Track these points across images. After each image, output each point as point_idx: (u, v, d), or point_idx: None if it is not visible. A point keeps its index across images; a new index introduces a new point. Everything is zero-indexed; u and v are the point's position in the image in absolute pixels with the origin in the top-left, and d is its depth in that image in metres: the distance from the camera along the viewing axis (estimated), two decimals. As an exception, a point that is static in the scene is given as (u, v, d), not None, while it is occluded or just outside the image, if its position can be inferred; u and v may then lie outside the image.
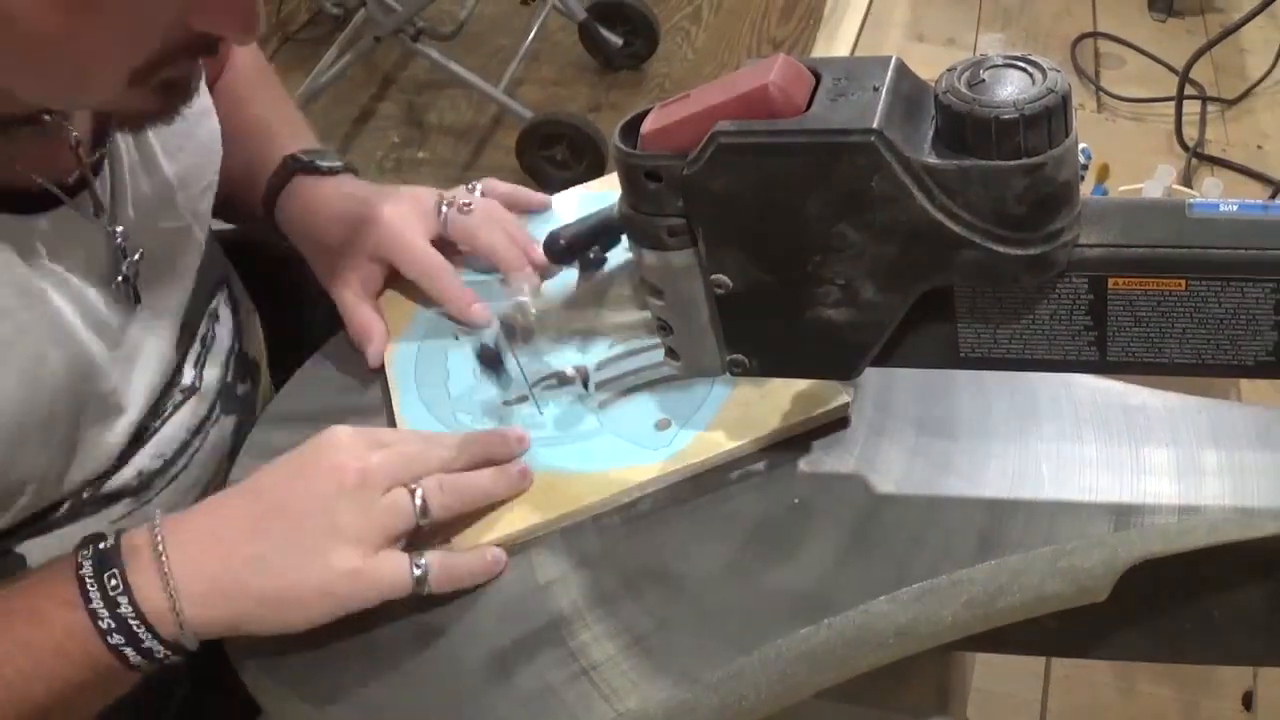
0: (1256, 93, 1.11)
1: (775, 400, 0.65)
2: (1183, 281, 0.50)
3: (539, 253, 0.74)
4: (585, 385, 0.68)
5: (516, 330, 0.64)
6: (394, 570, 0.59)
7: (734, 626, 0.57)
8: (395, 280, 0.79)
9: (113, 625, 0.56)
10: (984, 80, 0.47)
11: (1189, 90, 1.06)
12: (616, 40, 2.35)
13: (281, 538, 0.59)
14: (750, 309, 0.56)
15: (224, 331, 0.81)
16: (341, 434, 0.62)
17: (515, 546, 0.62)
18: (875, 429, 0.65)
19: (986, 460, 0.62)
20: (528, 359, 0.71)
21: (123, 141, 0.70)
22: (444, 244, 0.78)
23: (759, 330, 0.57)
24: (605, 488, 0.63)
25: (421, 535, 0.61)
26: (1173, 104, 1.05)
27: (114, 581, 0.57)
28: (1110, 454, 0.61)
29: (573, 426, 0.67)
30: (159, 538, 0.58)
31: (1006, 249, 0.49)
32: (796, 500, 0.62)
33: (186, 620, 0.57)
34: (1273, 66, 1.11)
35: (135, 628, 0.56)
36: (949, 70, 0.49)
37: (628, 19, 2.37)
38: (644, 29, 2.39)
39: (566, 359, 0.70)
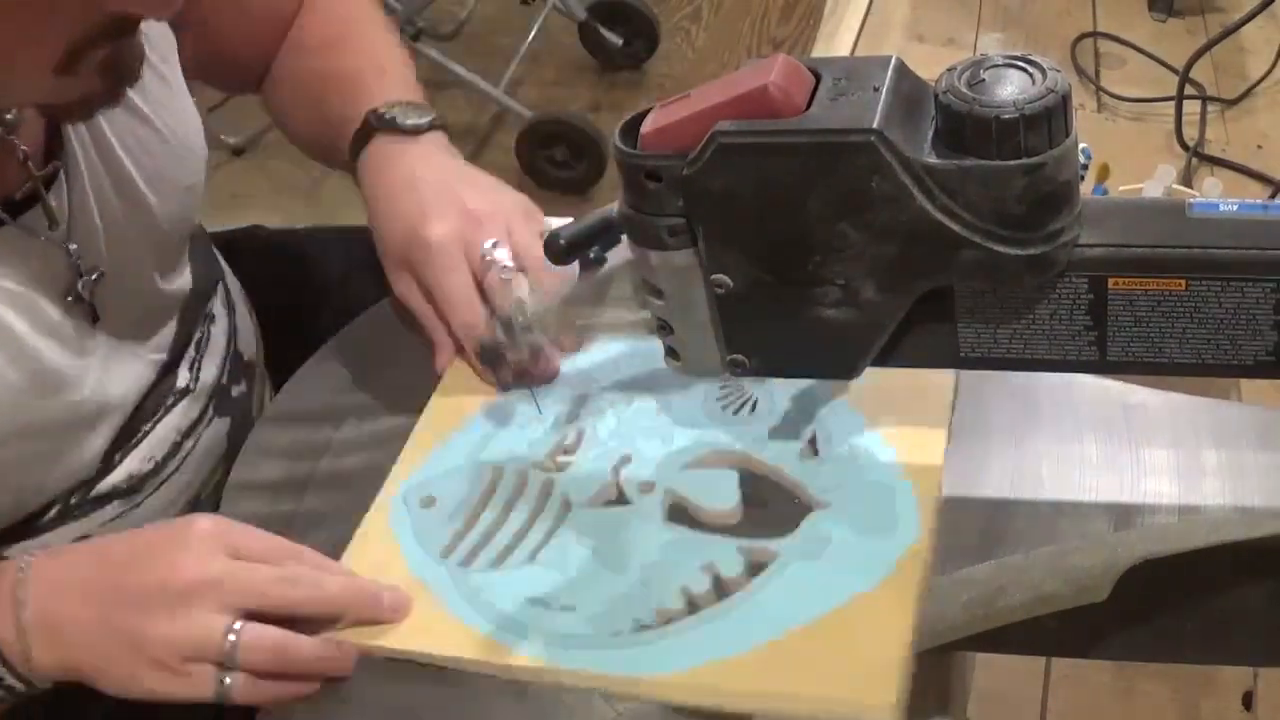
0: (1256, 93, 1.11)
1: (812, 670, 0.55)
2: (1183, 281, 0.50)
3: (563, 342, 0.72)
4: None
5: (515, 328, 0.63)
6: (195, 685, 0.57)
7: (734, 626, 0.56)
8: None
9: None
10: (984, 80, 0.47)
11: (1189, 90, 1.06)
12: (617, 40, 2.35)
13: (104, 619, 0.58)
14: (750, 309, 0.56)
15: (218, 333, 0.81)
16: (200, 528, 0.60)
17: None
18: (875, 429, 0.65)
19: (986, 460, 0.62)
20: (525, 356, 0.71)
21: (80, 151, 0.68)
22: None
23: (759, 330, 0.57)
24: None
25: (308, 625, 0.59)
26: (1173, 104, 1.05)
27: None
28: (1110, 454, 0.61)
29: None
30: (22, 576, 0.59)
31: (1006, 249, 0.49)
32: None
33: (31, 658, 0.58)
34: (1273, 66, 1.11)
35: None
36: (949, 70, 0.49)
37: (628, 19, 2.37)
38: (644, 29, 2.39)
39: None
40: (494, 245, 0.72)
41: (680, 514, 0.62)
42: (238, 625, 0.57)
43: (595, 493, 0.64)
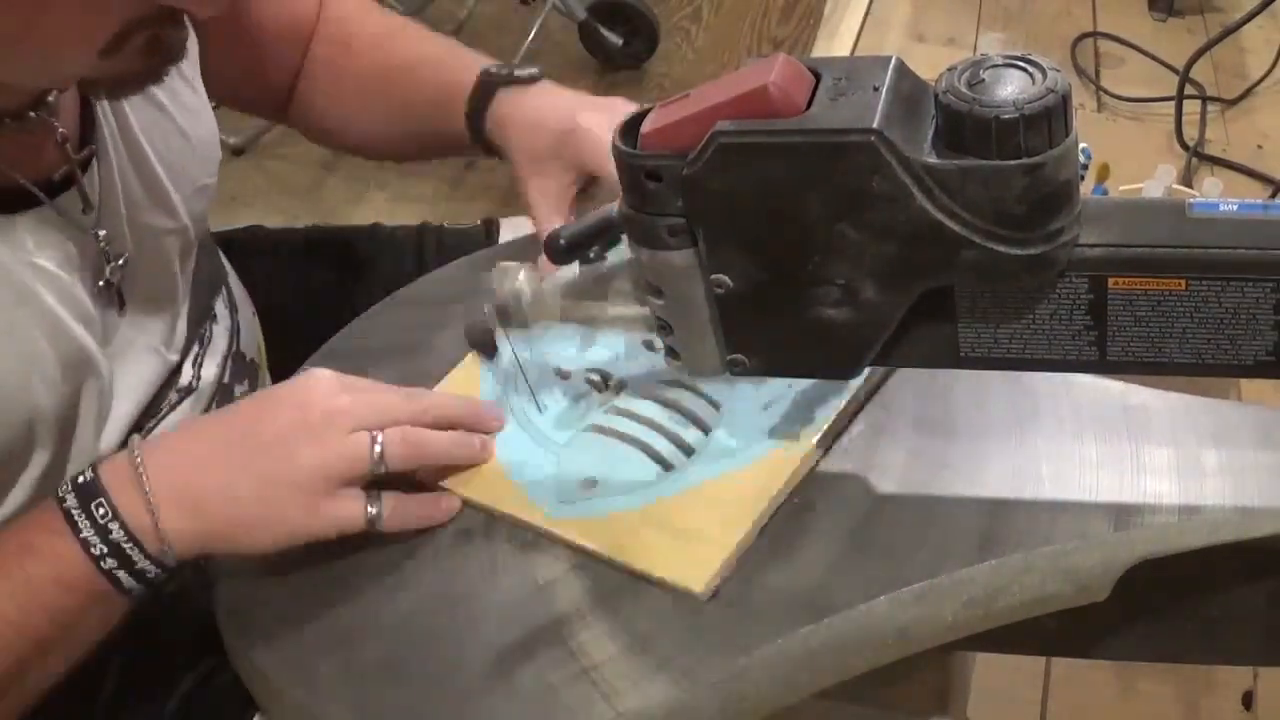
0: (1256, 92, 1.11)
1: (663, 539, 0.61)
2: (1183, 281, 0.50)
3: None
4: (606, 386, 0.69)
5: (511, 315, 0.63)
6: (348, 510, 0.61)
7: (734, 626, 0.57)
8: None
9: (105, 550, 0.59)
10: (984, 80, 0.47)
11: (1189, 90, 1.06)
12: (616, 40, 2.35)
13: (244, 467, 0.61)
14: (750, 309, 0.56)
15: (220, 331, 0.81)
16: (320, 374, 0.64)
17: (516, 547, 0.62)
18: (875, 428, 0.65)
19: (986, 460, 0.62)
20: (520, 345, 0.71)
21: (110, 140, 0.69)
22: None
23: (759, 330, 0.57)
24: (494, 495, 0.65)
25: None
26: (1173, 104, 1.05)
27: (102, 510, 0.59)
28: (1110, 454, 0.61)
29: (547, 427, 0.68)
30: (138, 459, 0.60)
31: (1006, 249, 0.49)
32: (796, 500, 0.62)
33: (165, 533, 0.59)
34: (1273, 66, 1.11)
35: (128, 550, 0.59)
36: (949, 70, 0.49)
37: (628, 19, 2.37)
38: (644, 29, 2.39)
39: (559, 349, 0.71)
40: None
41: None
42: (377, 435, 0.61)
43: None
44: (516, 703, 0.56)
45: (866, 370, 0.59)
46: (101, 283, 0.68)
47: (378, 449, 0.61)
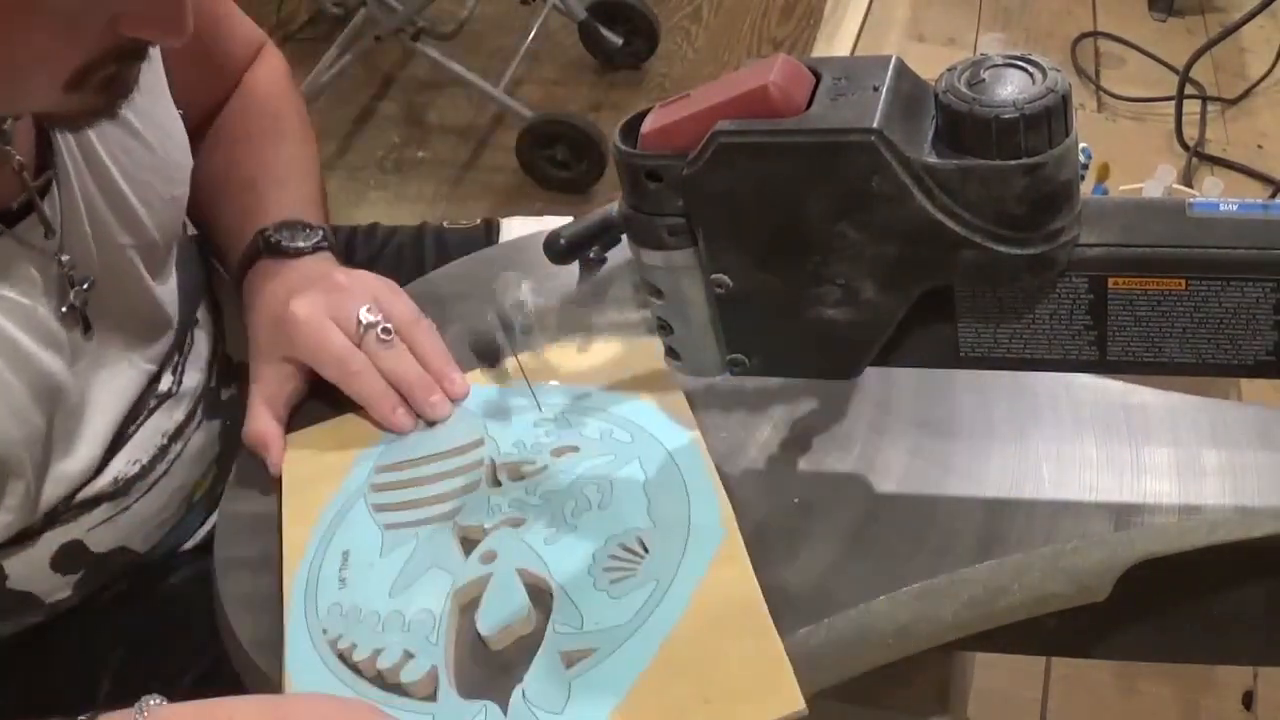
0: (1256, 92, 1.11)
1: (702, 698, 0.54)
2: (1183, 281, 0.50)
3: (455, 380, 0.70)
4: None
5: (515, 326, 0.63)
6: None
7: (734, 626, 0.56)
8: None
9: None
10: (984, 80, 0.47)
11: (1189, 90, 1.06)
12: (617, 40, 2.35)
13: None
14: (750, 309, 0.56)
15: (202, 337, 0.81)
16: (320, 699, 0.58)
17: None
18: (875, 429, 0.65)
19: (986, 460, 0.62)
20: (525, 357, 0.71)
21: (70, 162, 0.69)
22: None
23: (759, 330, 0.57)
24: None
25: None
26: (1173, 103, 1.05)
27: None
28: (1110, 454, 0.61)
29: None
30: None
31: (1006, 248, 0.49)
32: (796, 500, 0.62)
33: None
34: (1273, 66, 1.11)
35: None
36: (949, 70, 0.49)
37: (628, 18, 2.37)
38: (644, 28, 2.39)
39: (565, 356, 0.71)
40: (367, 310, 0.70)
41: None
42: None
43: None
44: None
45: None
46: (65, 308, 0.68)
47: None
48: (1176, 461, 0.60)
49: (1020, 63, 0.48)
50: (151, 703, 0.56)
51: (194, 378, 0.79)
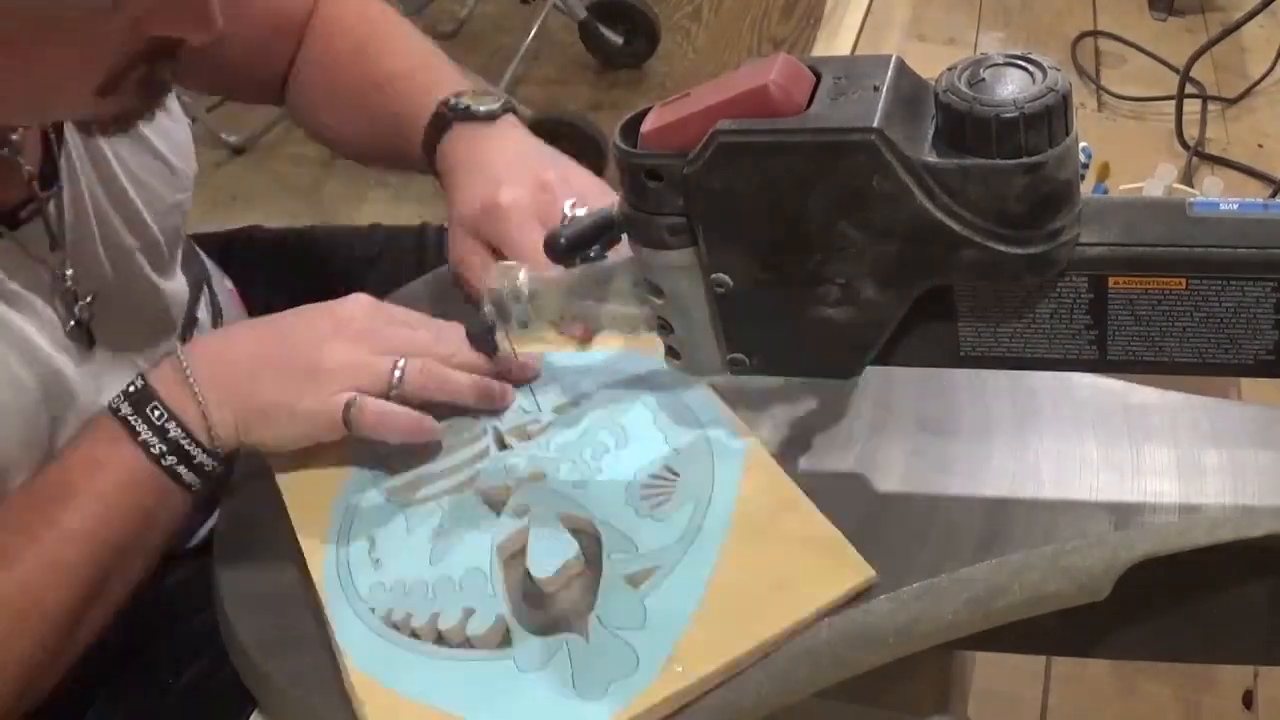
0: (1257, 92, 1.10)
1: (773, 593, 0.56)
2: (1183, 280, 0.50)
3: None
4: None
5: (511, 312, 0.63)
6: (335, 404, 0.63)
7: (734, 626, 0.57)
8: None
9: (164, 449, 0.62)
10: (984, 79, 0.47)
11: (1189, 89, 1.06)
12: (617, 39, 2.35)
13: (270, 358, 0.65)
14: (751, 308, 0.56)
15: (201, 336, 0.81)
16: (361, 298, 0.68)
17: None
18: (875, 428, 0.65)
19: (986, 460, 0.62)
20: (522, 346, 0.71)
21: (80, 166, 0.69)
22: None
23: (759, 329, 0.57)
24: None
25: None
26: (1173, 103, 1.05)
27: (158, 412, 0.63)
28: (1110, 453, 0.61)
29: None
30: (183, 362, 0.64)
31: (1007, 248, 0.49)
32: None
33: (212, 424, 0.63)
34: (1273, 65, 1.11)
35: (185, 445, 0.63)
36: (949, 69, 0.49)
37: (628, 18, 2.37)
38: (644, 28, 2.39)
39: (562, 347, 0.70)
40: (572, 206, 0.72)
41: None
42: (400, 360, 0.65)
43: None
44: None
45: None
46: (73, 323, 0.69)
47: (397, 373, 0.64)
48: (1176, 461, 0.60)
49: (1020, 62, 0.48)
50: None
51: None
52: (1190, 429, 0.62)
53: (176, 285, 0.79)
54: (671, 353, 0.60)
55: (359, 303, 0.67)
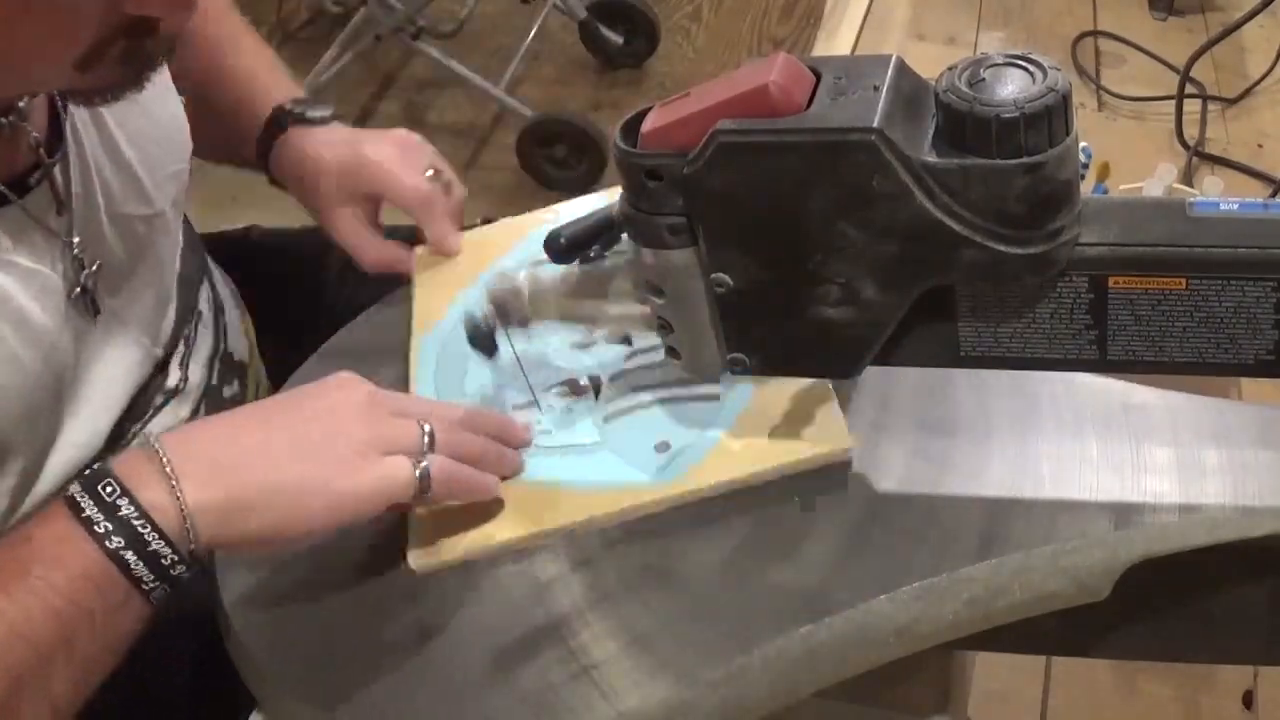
0: (1257, 91, 1.10)
1: (780, 434, 0.63)
2: (1183, 280, 0.50)
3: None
4: (596, 395, 0.67)
5: (510, 313, 0.63)
6: (394, 469, 0.56)
7: (734, 626, 0.57)
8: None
9: (110, 528, 0.52)
10: (984, 79, 0.47)
11: (1189, 89, 1.06)
12: (617, 39, 2.35)
13: (288, 429, 0.56)
14: (751, 308, 0.56)
15: (205, 332, 0.81)
16: (348, 375, 0.62)
17: (508, 552, 0.62)
18: (876, 428, 0.65)
19: (986, 460, 0.62)
20: (521, 343, 0.71)
21: (84, 131, 0.69)
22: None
23: (759, 329, 0.57)
24: (598, 506, 0.62)
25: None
26: (1173, 103, 1.05)
27: (109, 488, 0.52)
28: (1111, 453, 0.61)
29: (573, 435, 0.66)
30: (153, 443, 0.55)
31: (1007, 248, 0.49)
32: (796, 499, 0.62)
33: (188, 508, 0.52)
34: (1273, 65, 1.11)
35: (139, 528, 0.52)
36: (949, 69, 0.49)
37: (628, 18, 2.37)
38: (644, 28, 2.39)
39: (558, 346, 0.70)
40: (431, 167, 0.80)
41: None
42: (422, 462, 0.57)
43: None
44: (516, 702, 0.56)
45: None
46: (78, 289, 0.68)
47: (425, 438, 0.59)
48: (1177, 461, 0.60)
49: (1021, 62, 0.48)
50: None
51: (198, 373, 0.79)
52: (1190, 429, 0.62)
53: (179, 260, 0.79)
54: (672, 353, 0.60)
55: (347, 376, 0.62)
